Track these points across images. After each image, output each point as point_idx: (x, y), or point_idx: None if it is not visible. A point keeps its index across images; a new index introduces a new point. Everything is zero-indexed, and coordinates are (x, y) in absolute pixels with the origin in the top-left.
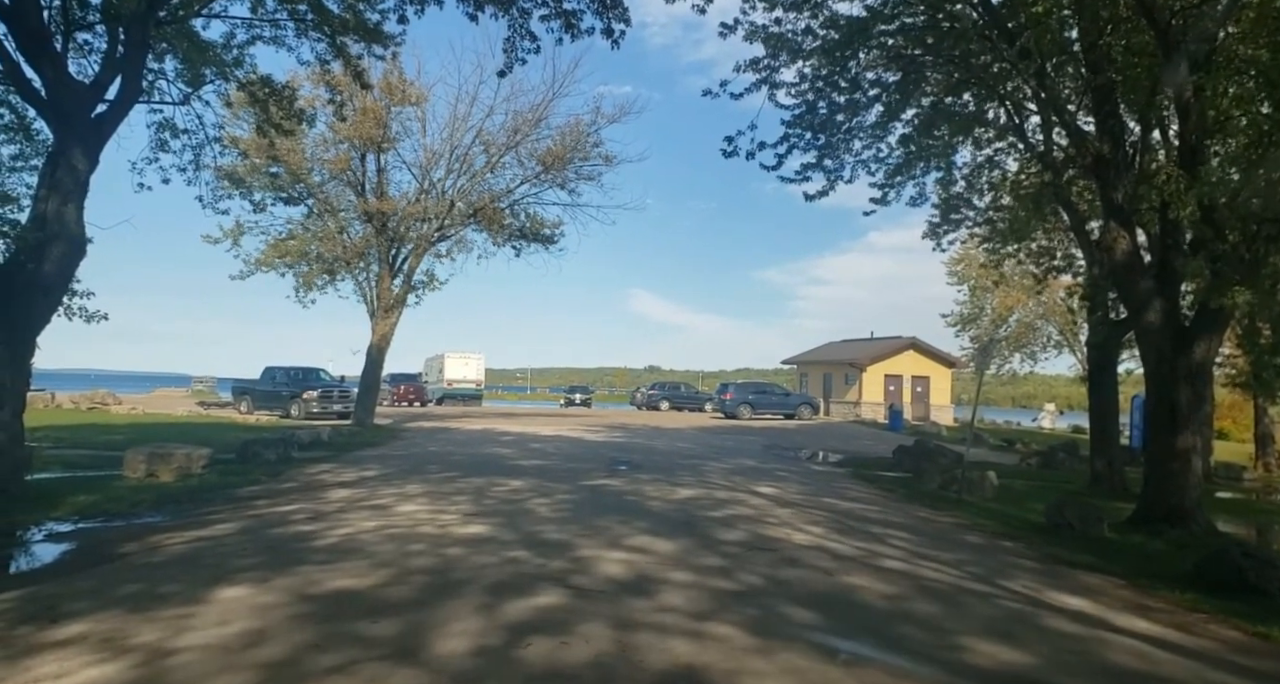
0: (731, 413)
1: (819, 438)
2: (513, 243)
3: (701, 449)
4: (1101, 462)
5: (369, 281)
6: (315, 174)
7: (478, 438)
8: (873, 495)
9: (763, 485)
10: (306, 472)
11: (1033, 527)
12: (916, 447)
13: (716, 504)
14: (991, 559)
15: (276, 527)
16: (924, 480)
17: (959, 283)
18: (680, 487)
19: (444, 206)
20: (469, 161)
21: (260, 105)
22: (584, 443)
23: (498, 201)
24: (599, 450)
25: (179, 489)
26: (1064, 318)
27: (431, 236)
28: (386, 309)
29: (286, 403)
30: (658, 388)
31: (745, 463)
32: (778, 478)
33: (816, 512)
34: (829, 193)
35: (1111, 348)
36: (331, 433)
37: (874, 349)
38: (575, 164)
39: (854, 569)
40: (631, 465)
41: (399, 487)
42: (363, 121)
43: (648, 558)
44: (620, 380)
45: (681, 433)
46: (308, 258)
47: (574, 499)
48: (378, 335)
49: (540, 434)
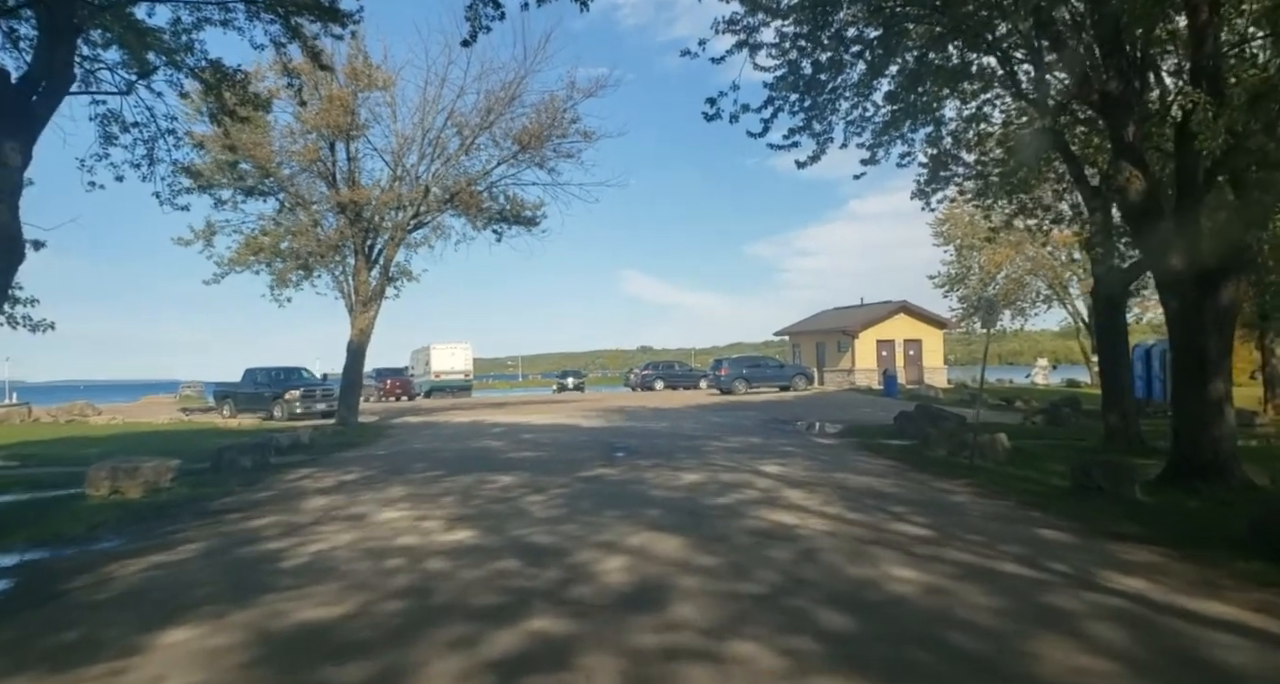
0: (727, 388)
1: (816, 408)
2: (493, 227)
3: (701, 428)
4: (1115, 416)
5: (345, 275)
6: (285, 167)
7: (467, 431)
8: (883, 467)
9: (768, 464)
10: (284, 478)
11: (1058, 492)
12: (918, 412)
13: (723, 489)
14: (1026, 534)
15: (244, 545)
16: (931, 447)
17: (945, 243)
18: (683, 471)
19: (419, 193)
20: (442, 145)
21: (213, 92)
22: (579, 430)
23: (474, 185)
24: (595, 437)
25: (145, 506)
26: (1053, 271)
27: (407, 224)
28: (365, 302)
29: (269, 404)
30: (651, 368)
31: (747, 440)
32: (782, 454)
33: (828, 490)
34: (820, 157)
35: (1120, 296)
36: (313, 434)
37: (865, 315)
38: (553, 142)
39: (880, 557)
40: (630, 451)
41: (381, 490)
42: (329, 109)
43: (653, 560)
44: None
45: (679, 412)
46: (282, 254)
47: (569, 493)
48: (357, 330)
49: (533, 423)
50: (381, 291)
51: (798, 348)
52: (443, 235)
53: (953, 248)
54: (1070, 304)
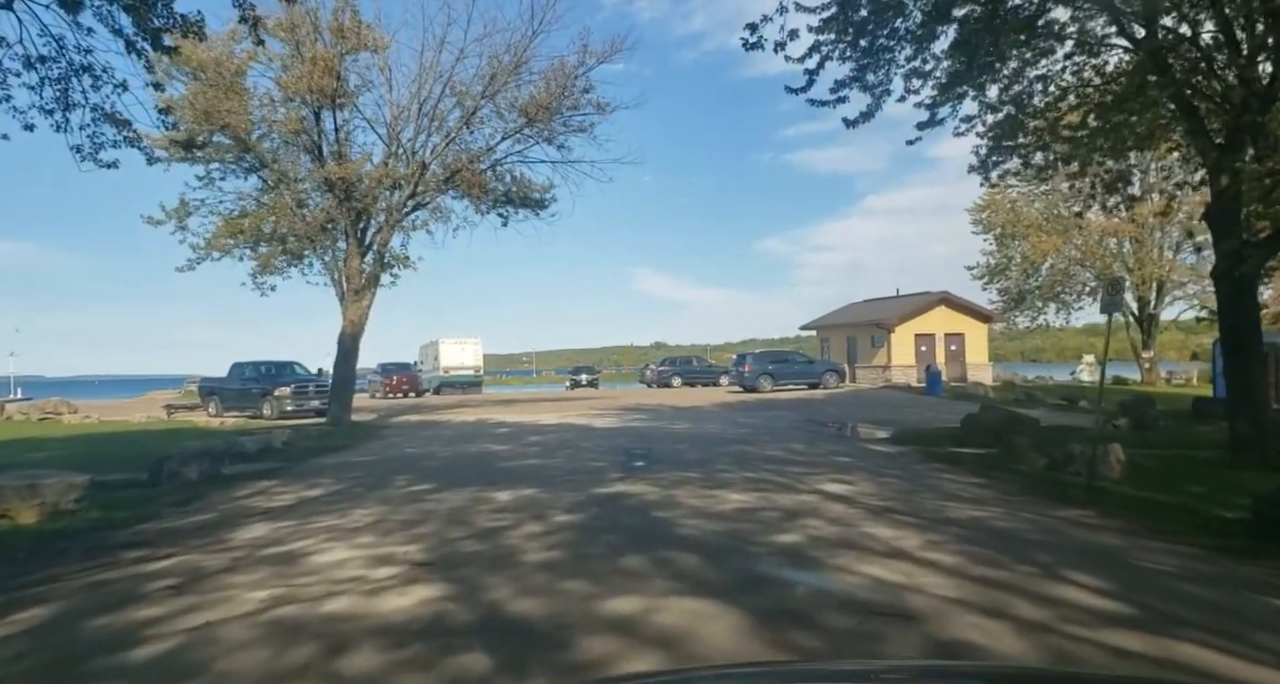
0: (751, 385)
1: (855, 408)
2: (498, 210)
3: (731, 430)
4: (1245, 423)
5: (335, 261)
6: (267, 141)
7: (469, 432)
8: (973, 488)
9: (826, 480)
10: (233, 495)
11: (1235, 528)
12: (987, 414)
13: (780, 520)
14: (1255, 606)
15: (104, 612)
16: (1020, 458)
17: (985, 231)
18: (721, 488)
19: (415, 169)
20: (441, 117)
21: (129, 10)
22: (592, 432)
23: (477, 162)
24: (611, 440)
25: (30, 536)
26: (1103, 261)
27: (403, 206)
28: (357, 291)
29: (257, 402)
30: (668, 363)
31: (788, 446)
32: (838, 466)
33: (923, 524)
34: (873, 114)
35: (1253, 278)
36: (292, 436)
37: (901, 307)
38: (563, 114)
39: (1061, 656)
40: (651, 460)
41: (344, 513)
42: (312, 71)
43: (700, 661)
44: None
45: (702, 412)
46: (264, 237)
47: (577, 523)
48: (348, 321)
49: (542, 423)
50: (376, 279)
51: (827, 342)
52: (442, 218)
53: (992, 237)
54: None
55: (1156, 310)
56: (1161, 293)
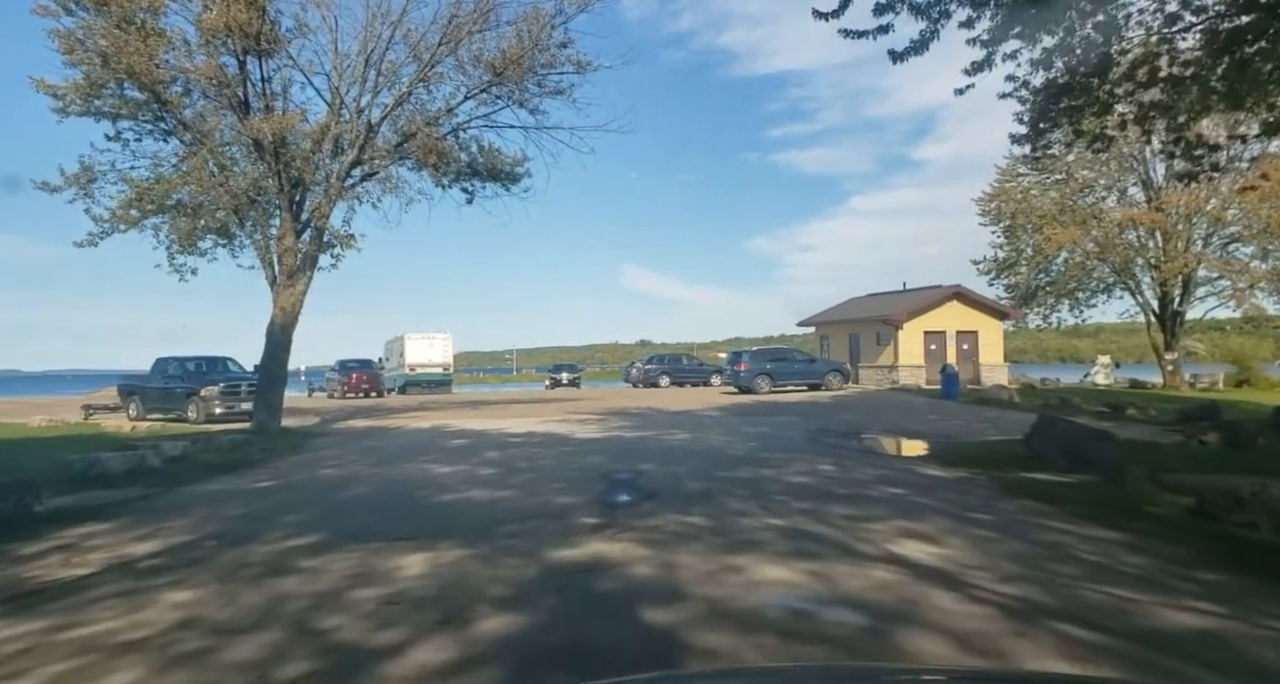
0: (747, 386)
1: (868, 414)
2: (462, 184)
3: (735, 443)
4: None
5: (268, 241)
6: (188, 97)
7: (417, 444)
8: (1123, 549)
9: (893, 531)
10: (17, 551)
11: None
12: (1054, 426)
13: (863, 638)
14: None
15: None
16: (1141, 495)
17: (993, 222)
18: (745, 550)
19: (361, 131)
20: (392, 71)
21: None
22: (567, 443)
23: (435, 125)
24: (587, 457)
25: None
26: (1124, 255)
27: (346, 174)
28: (290, 274)
29: (182, 403)
30: (656, 361)
31: (813, 467)
32: (895, 503)
33: (1124, 649)
34: (927, 45)
35: None
36: (190, 448)
37: (910, 302)
38: (537, 73)
39: None
40: (640, 492)
41: (136, 607)
42: (231, 5)
43: None
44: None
45: (697, 418)
46: (174, 208)
47: (513, 640)
48: (279, 308)
49: (510, 431)
50: (313, 261)
51: (827, 340)
52: (394, 189)
53: (1000, 229)
54: (1141, 293)
55: (1183, 308)
56: (1189, 289)
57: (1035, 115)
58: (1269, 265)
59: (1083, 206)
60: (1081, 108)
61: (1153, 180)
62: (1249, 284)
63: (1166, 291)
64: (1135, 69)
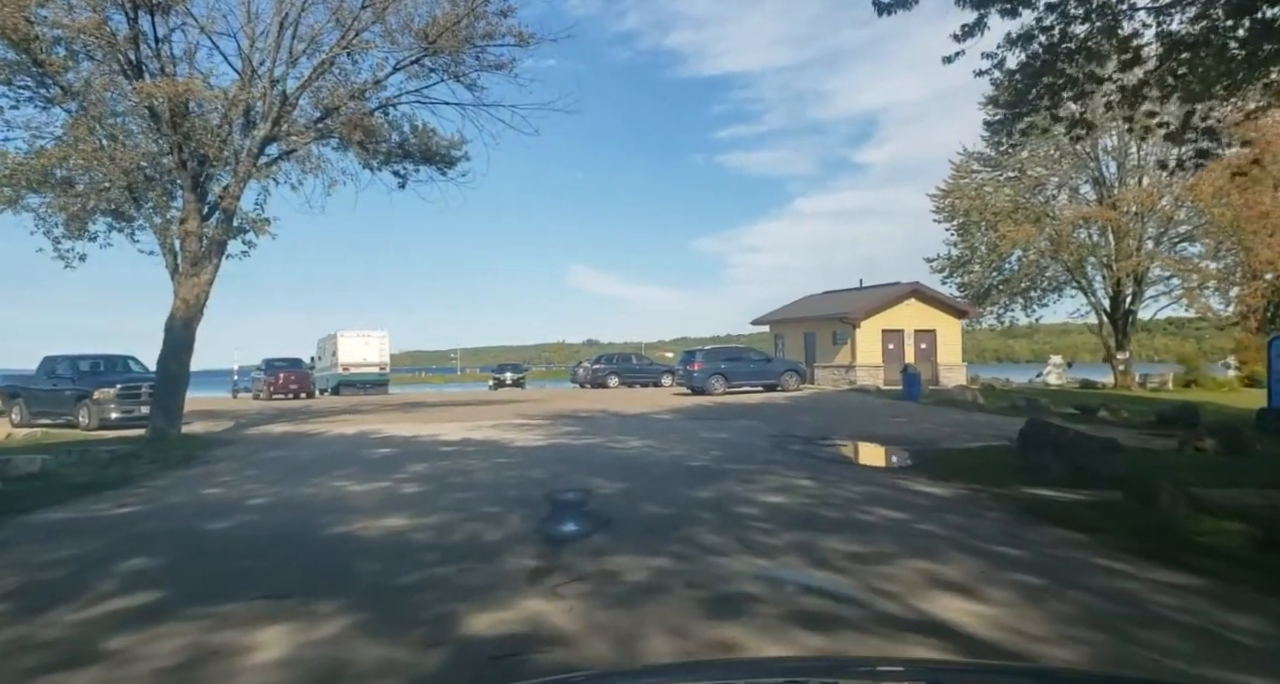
0: (700, 387)
1: (832, 417)
2: (393, 166)
3: (696, 453)
4: None
5: (165, 222)
6: (73, 61)
7: (335, 453)
8: (1212, 604)
9: (917, 582)
10: None
11: None
12: (1044, 432)
13: None
14: None
15: None
16: (1184, 520)
17: (947, 219)
18: (732, 617)
19: (274, 102)
20: (312, 36)
21: None
22: (507, 453)
23: (360, 99)
24: (529, 470)
25: None
26: (1077, 253)
27: (258, 151)
28: (195, 261)
29: (72, 407)
30: (604, 361)
31: (790, 481)
32: (901, 535)
33: None
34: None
35: None
36: (49, 462)
37: (867, 300)
38: (475, 44)
39: None
40: (591, 518)
41: None
42: None
43: None
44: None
45: (651, 422)
46: (67, 188)
47: None
48: (181, 300)
49: (442, 439)
50: (221, 247)
51: (781, 339)
52: (315, 170)
53: (954, 226)
54: (1094, 293)
55: (1134, 308)
56: (1141, 288)
57: (1012, 98)
58: (1220, 265)
59: (1036, 204)
60: (1064, 86)
61: (1105, 178)
62: (1199, 283)
63: (1119, 291)
64: (1129, 40)
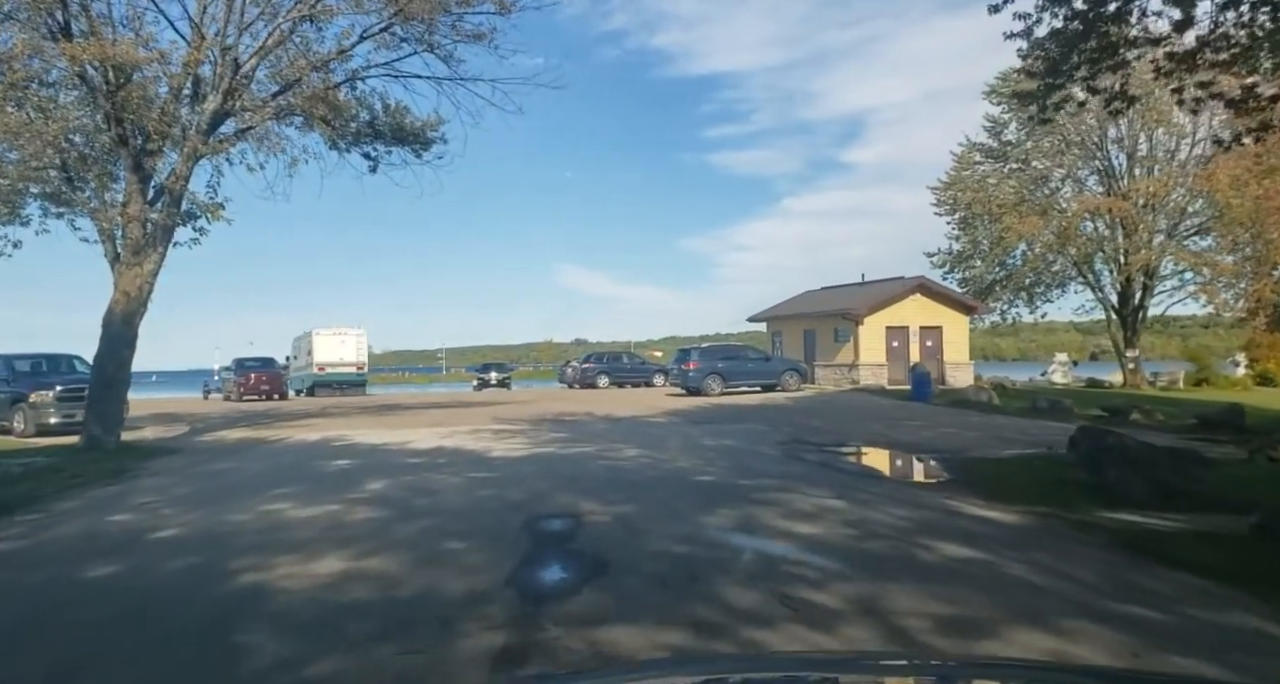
0: (696, 387)
1: (842, 420)
2: (363, 147)
3: (702, 465)
4: None
5: (105, 206)
6: None
7: (286, 465)
8: None
9: None
10: None
11: None
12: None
13: None
14: None
15: None
16: None
17: (948, 213)
18: None
19: (226, 72)
20: (269, 1)
21: None
22: (486, 466)
23: (325, 70)
24: (506, 490)
25: None
26: (1084, 246)
27: (208, 126)
28: (137, 249)
29: (5, 411)
30: (594, 360)
31: (821, 503)
32: (1002, 593)
33: None
34: None
35: None
36: None
37: (870, 295)
38: (451, 11)
39: None
40: (580, 558)
41: None
42: None
43: None
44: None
45: (647, 426)
46: None
47: None
48: (121, 292)
49: (412, 448)
50: (168, 233)
51: (779, 337)
52: (275, 149)
53: (955, 220)
54: (1102, 288)
55: (1144, 303)
56: (1152, 283)
57: (1045, 67)
58: (1235, 258)
59: (1040, 196)
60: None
61: (1114, 169)
62: (1212, 278)
63: (1128, 286)
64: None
